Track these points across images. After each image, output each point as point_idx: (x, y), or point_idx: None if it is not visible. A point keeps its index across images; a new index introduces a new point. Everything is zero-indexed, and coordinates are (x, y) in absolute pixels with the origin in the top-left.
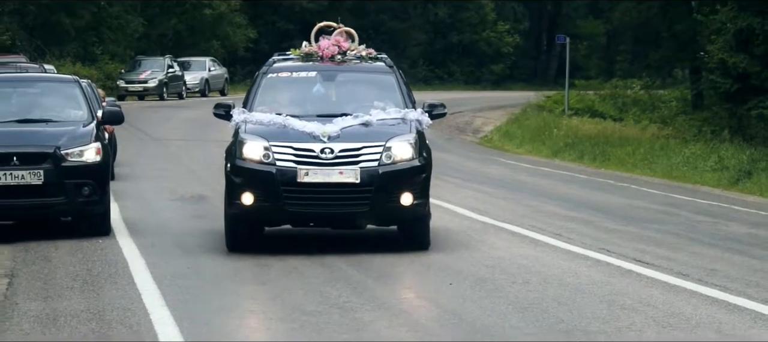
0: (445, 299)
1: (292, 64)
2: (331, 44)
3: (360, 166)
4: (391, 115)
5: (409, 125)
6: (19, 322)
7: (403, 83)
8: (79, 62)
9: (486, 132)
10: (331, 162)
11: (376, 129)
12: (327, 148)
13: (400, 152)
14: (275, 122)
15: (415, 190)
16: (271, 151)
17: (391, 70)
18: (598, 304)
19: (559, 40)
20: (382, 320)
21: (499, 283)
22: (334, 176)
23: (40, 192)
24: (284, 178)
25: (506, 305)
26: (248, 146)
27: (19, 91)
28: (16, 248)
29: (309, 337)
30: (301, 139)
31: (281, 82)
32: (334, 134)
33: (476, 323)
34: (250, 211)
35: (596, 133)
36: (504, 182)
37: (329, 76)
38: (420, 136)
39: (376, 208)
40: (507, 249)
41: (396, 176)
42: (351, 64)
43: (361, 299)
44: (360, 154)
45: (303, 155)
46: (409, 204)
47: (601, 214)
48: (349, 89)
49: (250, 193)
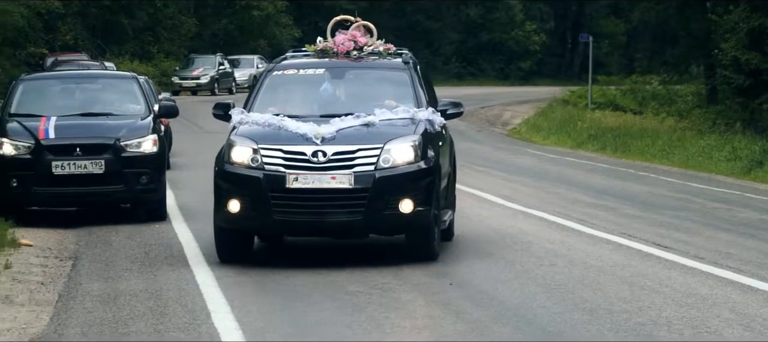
0: (478, 280)
1: (300, 61)
2: (347, 39)
3: (354, 171)
4: (398, 114)
5: (415, 126)
6: (83, 301)
7: (418, 81)
8: (136, 60)
9: (514, 124)
10: (323, 166)
11: (376, 130)
12: (319, 151)
13: (400, 155)
14: (271, 123)
15: (416, 196)
16: (260, 154)
17: (405, 67)
18: (621, 284)
19: (582, 38)
20: (419, 299)
21: (527, 266)
22: (326, 182)
23: (101, 180)
24: (272, 184)
25: (534, 286)
26: (236, 150)
27: (81, 86)
28: (79, 233)
29: (352, 315)
30: (293, 141)
31: (286, 81)
32: (328, 136)
33: (506, 302)
34: (236, 219)
35: (617, 126)
36: (531, 171)
37: (338, 73)
38: (426, 137)
39: (373, 217)
40: (535, 233)
41: (394, 181)
42: (365, 61)
43: (398, 281)
44: (355, 158)
45: (293, 159)
46: (409, 211)
47: (623, 201)
48: (358, 87)
49: (236, 201)
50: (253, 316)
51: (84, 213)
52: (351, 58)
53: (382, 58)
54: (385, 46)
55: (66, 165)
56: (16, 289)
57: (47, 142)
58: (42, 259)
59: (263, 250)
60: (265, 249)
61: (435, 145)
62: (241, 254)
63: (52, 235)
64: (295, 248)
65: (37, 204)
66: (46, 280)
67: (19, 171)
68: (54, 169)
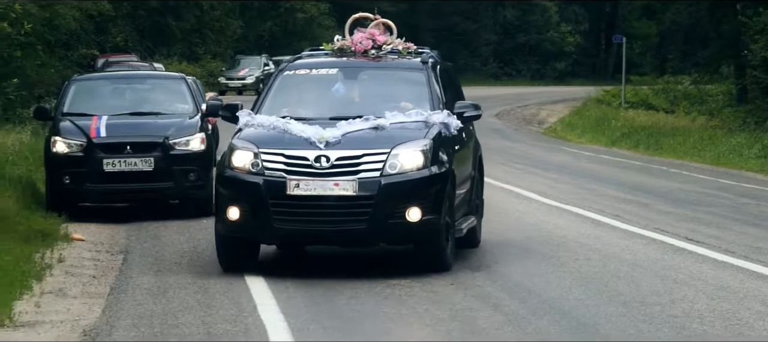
0: (515, 274)
1: (312, 61)
2: (365, 37)
3: (359, 177)
4: (411, 117)
5: (428, 129)
6: (133, 293)
7: (435, 82)
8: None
9: (550, 123)
10: (326, 172)
11: (385, 134)
12: (322, 156)
13: (409, 160)
14: (275, 126)
15: (425, 204)
16: (261, 159)
17: (422, 67)
18: (654, 278)
19: (616, 39)
20: (458, 292)
21: (563, 260)
22: (329, 188)
23: (150, 177)
24: (272, 191)
25: (570, 279)
26: (237, 154)
27: (131, 87)
28: (129, 228)
29: (393, 306)
30: (295, 145)
31: (298, 81)
32: (333, 140)
33: (543, 295)
34: (236, 227)
35: (650, 124)
36: (567, 168)
37: (351, 73)
38: (439, 141)
39: (378, 225)
40: (570, 228)
41: (401, 188)
42: (382, 60)
43: (439, 273)
44: (360, 163)
45: (295, 164)
46: (417, 220)
47: (655, 197)
48: (373, 88)
49: (236, 207)
50: (298, 308)
51: (134, 209)
52: (369, 58)
53: (401, 58)
54: (405, 45)
55: (117, 162)
56: (69, 282)
57: (99, 140)
58: (94, 253)
59: (311, 248)
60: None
61: (449, 150)
62: (245, 263)
63: (103, 231)
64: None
65: (89, 200)
66: (97, 273)
67: (72, 168)
68: (105, 167)
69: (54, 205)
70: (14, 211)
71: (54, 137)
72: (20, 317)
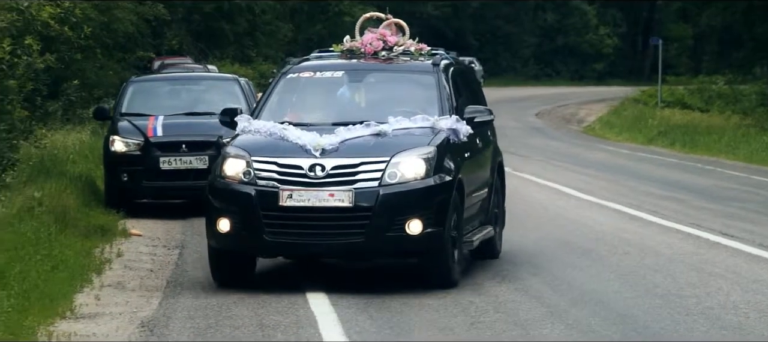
0: (556, 267)
1: (317, 63)
2: (375, 38)
3: (355, 187)
4: (417, 123)
5: (433, 136)
6: (189, 287)
7: (446, 85)
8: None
9: (589, 122)
10: (321, 181)
11: (385, 141)
12: (317, 165)
13: (409, 169)
14: (272, 132)
15: (426, 216)
16: (253, 168)
17: (432, 70)
18: (690, 271)
19: (652, 41)
20: (502, 285)
21: (602, 254)
22: (324, 199)
23: (205, 175)
24: (263, 202)
25: (609, 273)
26: (229, 162)
27: (187, 88)
28: (185, 223)
29: (438, 297)
30: (289, 153)
31: (302, 84)
32: (330, 147)
33: (583, 288)
34: (226, 239)
35: (685, 123)
36: (605, 165)
37: (357, 76)
38: (446, 149)
39: (376, 239)
40: (609, 223)
41: (401, 199)
42: (392, 62)
43: (480, 266)
44: (357, 172)
45: (288, 173)
46: (418, 233)
47: (691, 193)
48: (379, 92)
49: (226, 219)
50: (348, 299)
51: (189, 205)
52: (379, 59)
53: (413, 60)
54: (417, 46)
55: (173, 160)
56: (127, 275)
57: (155, 139)
58: (151, 248)
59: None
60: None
61: (457, 157)
62: (240, 278)
63: (160, 226)
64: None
65: (146, 197)
66: (155, 267)
67: (130, 166)
68: (162, 165)
69: (112, 201)
70: (75, 208)
71: (113, 136)
72: (81, 309)
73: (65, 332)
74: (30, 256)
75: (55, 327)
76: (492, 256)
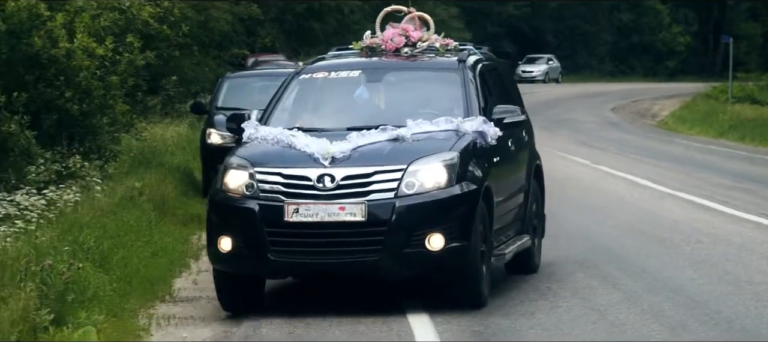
0: (631, 255)
1: (332, 63)
2: (397, 34)
3: (369, 199)
4: (439, 126)
5: (457, 140)
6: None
7: (473, 85)
8: None
9: (662, 117)
10: (331, 194)
11: (403, 147)
12: (326, 175)
13: (429, 177)
14: (279, 139)
15: (450, 229)
16: (256, 180)
17: (458, 67)
18: (760, 259)
19: (723, 39)
20: (578, 272)
21: (676, 242)
22: (334, 213)
23: None
24: (268, 217)
25: (682, 260)
26: (231, 174)
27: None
28: None
29: (515, 283)
30: (296, 162)
31: (316, 86)
32: (340, 155)
33: (657, 274)
34: (229, 259)
35: (756, 117)
36: (678, 158)
37: (376, 76)
38: (471, 154)
39: (392, 256)
40: (681, 213)
41: (420, 211)
42: (416, 60)
43: (559, 253)
44: (371, 183)
45: (294, 185)
46: (440, 249)
47: (761, 185)
48: (400, 93)
49: (228, 237)
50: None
51: None
52: (401, 57)
53: (438, 56)
54: (443, 42)
55: None
56: None
57: None
58: None
59: None
60: None
61: (484, 163)
62: (250, 302)
63: None
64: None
65: None
66: None
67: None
68: None
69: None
70: (173, 197)
71: (209, 129)
72: (179, 293)
73: (165, 314)
74: (132, 243)
75: (155, 309)
76: (529, 271)
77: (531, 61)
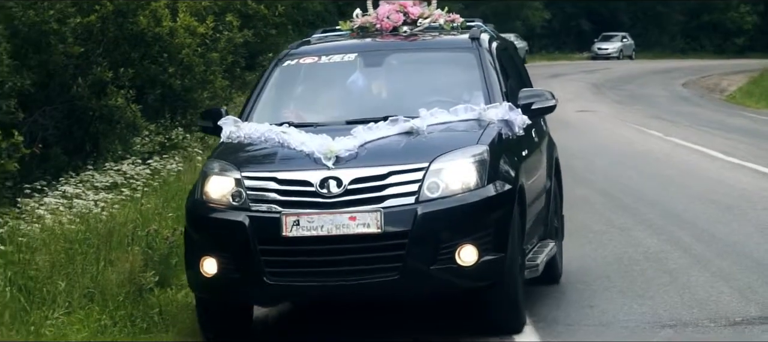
0: (701, 221)
1: (323, 45)
2: (394, 10)
3: (384, 206)
4: (458, 115)
5: (482, 131)
6: None
7: (492, 65)
8: None
9: (730, 91)
10: (338, 201)
11: (420, 141)
12: (331, 179)
13: (455, 177)
14: (268, 138)
15: (483, 239)
16: (244, 187)
17: (471, 46)
18: None
19: None
20: (652, 236)
21: (743, 209)
22: (343, 225)
23: None
24: (262, 233)
25: (749, 226)
26: (213, 181)
27: None
28: None
29: (595, 250)
30: (293, 164)
31: (303, 73)
32: (346, 154)
33: (726, 240)
34: (215, 284)
35: None
36: (745, 131)
37: (375, 59)
38: (500, 147)
39: (415, 274)
40: (749, 182)
41: (448, 218)
42: (418, 39)
43: (634, 220)
44: (386, 185)
45: (292, 192)
46: (472, 263)
47: None
48: (405, 78)
49: (212, 258)
50: None
51: None
52: (399, 36)
53: (443, 35)
54: (448, 18)
55: None
56: None
57: None
58: None
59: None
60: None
61: (514, 158)
62: (237, 331)
63: None
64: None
65: None
66: None
67: None
68: None
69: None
70: None
71: None
72: None
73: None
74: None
75: None
76: (552, 280)
77: (606, 38)
